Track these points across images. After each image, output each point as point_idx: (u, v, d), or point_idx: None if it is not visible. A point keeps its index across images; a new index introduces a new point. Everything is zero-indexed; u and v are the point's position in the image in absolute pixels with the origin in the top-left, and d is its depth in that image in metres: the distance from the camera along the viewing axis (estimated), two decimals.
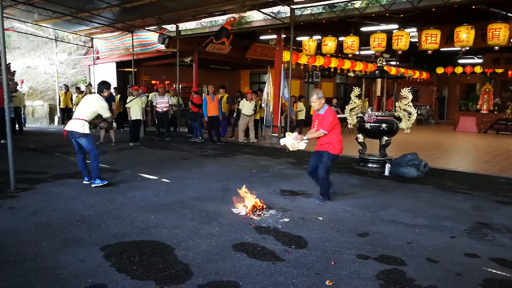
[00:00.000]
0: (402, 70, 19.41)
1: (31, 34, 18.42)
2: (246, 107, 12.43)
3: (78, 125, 6.30)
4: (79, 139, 6.35)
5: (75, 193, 6.05)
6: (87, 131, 6.35)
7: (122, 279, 3.36)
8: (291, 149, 5.80)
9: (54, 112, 18.58)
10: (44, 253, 3.87)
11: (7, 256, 3.77)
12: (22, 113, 14.82)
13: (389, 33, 11.50)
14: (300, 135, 5.83)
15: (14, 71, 15.16)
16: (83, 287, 3.22)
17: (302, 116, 13.47)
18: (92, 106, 6.47)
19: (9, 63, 13.93)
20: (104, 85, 6.75)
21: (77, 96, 16.06)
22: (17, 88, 14.02)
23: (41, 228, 4.54)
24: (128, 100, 12.08)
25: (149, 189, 6.46)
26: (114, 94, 13.80)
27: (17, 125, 13.64)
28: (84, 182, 6.63)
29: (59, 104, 17.33)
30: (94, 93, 14.03)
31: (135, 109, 11.75)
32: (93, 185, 6.44)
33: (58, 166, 8.19)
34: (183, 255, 3.88)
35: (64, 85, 17.25)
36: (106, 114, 6.62)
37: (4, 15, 6.44)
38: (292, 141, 5.72)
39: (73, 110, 15.22)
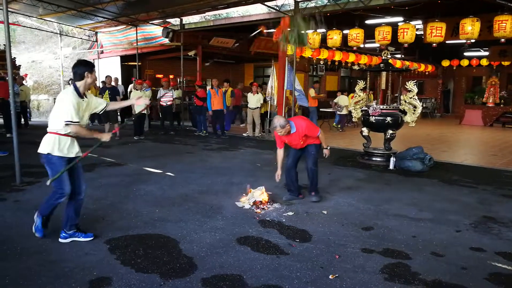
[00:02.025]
0: (407, 63, 19.27)
1: (36, 29, 18.41)
2: (251, 100, 12.40)
3: (44, 142, 3.90)
4: (45, 164, 3.95)
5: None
6: (55, 151, 3.84)
7: (127, 272, 3.38)
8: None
9: None
10: (49, 246, 3.89)
11: (13, 249, 3.79)
12: (27, 107, 14.85)
13: (394, 26, 11.41)
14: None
15: (19, 66, 15.18)
16: (88, 280, 3.24)
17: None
18: (59, 105, 3.86)
19: (14, 58, 13.92)
20: (82, 67, 3.93)
21: None
22: (23, 82, 14.05)
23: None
24: (132, 94, 12.10)
25: (153, 182, 6.47)
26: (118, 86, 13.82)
27: (22, 119, 13.69)
28: (60, 239, 4.04)
29: None
30: (99, 87, 14.13)
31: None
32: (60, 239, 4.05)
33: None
34: (187, 248, 3.89)
35: (70, 79, 17.26)
36: (65, 117, 3.77)
37: (9, 9, 6.44)
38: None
39: None
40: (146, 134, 12.40)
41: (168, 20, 14.78)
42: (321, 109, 17.01)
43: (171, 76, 17.30)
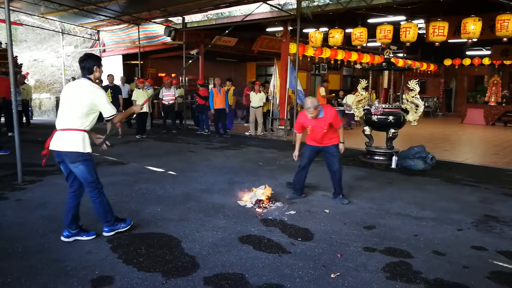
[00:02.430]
0: (409, 62, 19.25)
1: (38, 27, 18.43)
2: (253, 99, 12.40)
3: (72, 140, 3.80)
4: (75, 165, 3.85)
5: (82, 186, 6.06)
6: (88, 149, 3.87)
7: (129, 271, 3.38)
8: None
9: None
10: (51, 245, 3.90)
11: (15, 247, 3.80)
12: (29, 105, 14.87)
13: (396, 25, 11.39)
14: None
15: (21, 64, 15.20)
16: (90, 278, 3.24)
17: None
18: (85, 101, 3.80)
19: (16, 56, 13.95)
20: (91, 60, 3.93)
21: None
22: (25, 81, 14.08)
23: (48, 220, 4.57)
24: (134, 93, 12.11)
25: (155, 181, 6.48)
26: (120, 85, 13.83)
27: (24, 118, 13.70)
28: (62, 238, 4.00)
29: None
30: (101, 85, 14.14)
31: (141, 102, 11.74)
32: (109, 233, 4.14)
33: None
34: (189, 247, 3.89)
35: (71, 77, 17.29)
36: (108, 111, 3.96)
37: (10, 8, 6.44)
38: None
39: None
40: (149, 133, 12.41)
41: (170, 18, 14.78)
42: None
43: (173, 75, 17.31)
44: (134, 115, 11.48)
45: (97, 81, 4.06)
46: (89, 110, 3.82)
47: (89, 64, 3.88)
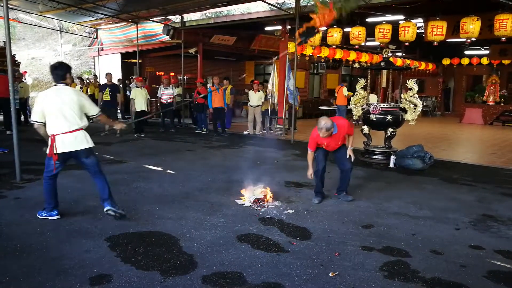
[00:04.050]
0: (408, 61, 19.26)
1: (36, 25, 18.44)
2: (252, 98, 12.40)
3: (82, 139, 4.36)
4: (87, 159, 4.47)
5: (80, 184, 6.06)
6: (92, 144, 4.46)
7: (127, 269, 3.38)
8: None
9: None
10: (49, 243, 3.90)
11: (13, 246, 3.80)
12: (26, 104, 14.83)
13: (394, 24, 11.40)
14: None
15: (19, 62, 15.16)
16: (88, 277, 3.24)
17: None
18: (79, 102, 4.33)
19: (14, 54, 13.90)
20: (62, 69, 4.35)
21: (81, 88, 16.00)
22: (22, 79, 14.05)
23: (46, 218, 4.56)
24: (132, 91, 12.10)
25: (154, 180, 6.48)
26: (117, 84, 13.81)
27: (22, 116, 13.68)
28: (55, 217, 4.52)
29: None
30: (99, 84, 14.12)
31: (139, 100, 11.76)
32: (109, 211, 4.55)
33: None
34: (187, 246, 3.90)
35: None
36: (94, 110, 4.50)
37: (9, 5, 6.43)
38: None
39: None
40: (147, 131, 12.40)
41: (168, 17, 14.76)
42: (320, 107, 17.04)
43: (171, 74, 17.30)
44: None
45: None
46: (82, 111, 4.35)
47: (62, 71, 4.33)
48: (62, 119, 4.22)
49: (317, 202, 5.47)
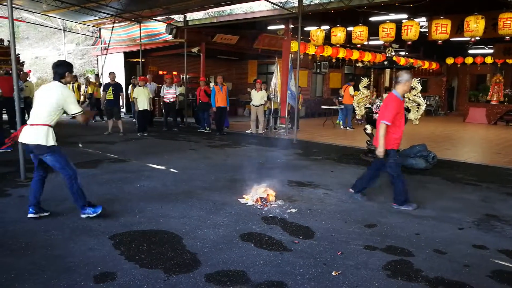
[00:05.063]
0: (411, 60, 19.23)
1: (40, 25, 18.48)
2: (255, 97, 12.40)
3: (38, 134, 4.27)
4: (43, 156, 4.37)
5: (84, 183, 6.03)
6: (51, 142, 4.31)
7: (131, 267, 3.40)
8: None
9: None
10: (54, 241, 3.92)
11: (18, 244, 3.82)
12: (31, 103, 14.89)
13: (398, 23, 11.38)
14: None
15: (23, 62, 15.23)
16: (92, 275, 3.26)
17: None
18: (51, 100, 4.29)
19: (18, 54, 13.97)
20: (63, 67, 4.45)
21: (86, 87, 16.04)
22: (27, 79, 14.08)
23: (51, 216, 4.59)
24: (135, 90, 12.12)
25: (157, 179, 6.50)
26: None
27: (26, 115, 13.73)
28: (29, 215, 4.49)
29: None
30: (100, 83, 14.14)
31: (142, 99, 11.78)
32: (82, 215, 4.53)
33: (67, 155, 8.24)
34: (191, 244, 3.91)
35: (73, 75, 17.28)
36: (74, 109, 4.42)
37: (13, 5, 6.45)
38: None
39: (81, 100, 15.26)
40: (150, 130, 12.42)
41: (171, 16, 14.78)
42: (323, 106, 17.02)
43: (174, 73, 17.32)
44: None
45: (68, 84, 4.58)
46: (57, 109, 4.34)
47: (62, 70, 4.42)
48: (34, 112, 4.37)
49: (413, 208, 5.17)
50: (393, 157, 5.23)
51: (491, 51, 18.49)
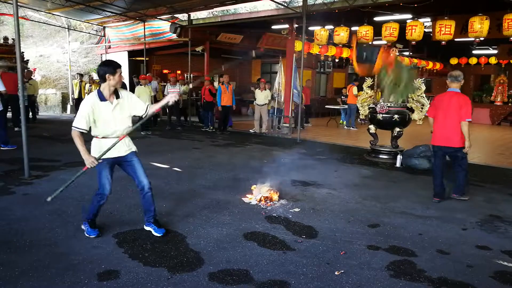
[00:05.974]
0: (415, 60, 19.18)
1: (44, 23, 18.52)
2: (258, 96, 12.40)
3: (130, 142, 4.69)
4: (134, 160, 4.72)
5: (88, 181, 6.09)
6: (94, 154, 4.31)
7: (135, 265, 3.41)
8: None
9: (67, 100, 18.75)
10: (58, 239, 3.94)
11: (22, 241, 3.84)
12: (35, 101, 14.92)
13: (402, 23, 11.35)
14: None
15: (28, 60, 15.27)
16: (96, 273, 3.28)
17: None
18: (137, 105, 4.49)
19: (23, 52, 14.03)
20: (101, 69, 3.84)
21: (90, 86, 16.04)
22: (31, 77, 14.14)
23: (55, 214, 4.62)
24: (136, 89, 12.14)
25: (161, 177, 6.51)
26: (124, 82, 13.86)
27: (30, 113, 13.78)
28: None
29: (72, 93, 17.42)
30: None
31: (144, 98, 11.78)
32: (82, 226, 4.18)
33: (71, 154, 8.23)
34: (194, 243, 3.92)
35: (77, 73, 17.33)
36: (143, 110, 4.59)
37: (18, 3, 6.48)
38: None
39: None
40: (153, 129, 12.45)
41: (176, 15, 14.81)
42: (327, 106, 17.01)
43: (178, 72, 17.34)
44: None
45: (112, 88, 3.93)
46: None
47: (101, 71, 3.82)
48: None
49: (467, 199, 5.66)
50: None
51: (495, 51, 18.43)
